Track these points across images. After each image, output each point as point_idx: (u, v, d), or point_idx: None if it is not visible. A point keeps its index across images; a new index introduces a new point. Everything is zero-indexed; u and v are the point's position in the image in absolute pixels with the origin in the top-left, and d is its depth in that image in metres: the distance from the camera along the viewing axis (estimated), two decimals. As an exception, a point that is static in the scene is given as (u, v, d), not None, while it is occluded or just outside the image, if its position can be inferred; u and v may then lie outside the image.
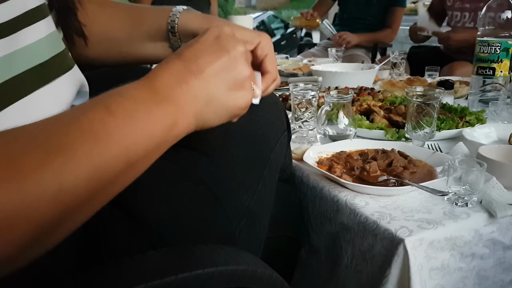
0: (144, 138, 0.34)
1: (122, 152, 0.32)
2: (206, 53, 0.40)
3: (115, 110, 0.33)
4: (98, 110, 0.33)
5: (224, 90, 0.41)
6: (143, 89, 0.36)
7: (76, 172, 0.29)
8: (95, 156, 0.30)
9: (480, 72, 1.24)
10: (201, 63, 0.39)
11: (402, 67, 1.85)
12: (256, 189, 0.55)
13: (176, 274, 0.36)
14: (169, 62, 0.39)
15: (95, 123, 0.32)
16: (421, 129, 0.89)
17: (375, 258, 0.63)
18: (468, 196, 0.65)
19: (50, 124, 0.31)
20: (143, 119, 0.34)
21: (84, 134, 0.31)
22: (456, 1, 2.15)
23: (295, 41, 7.80)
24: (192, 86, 0.38)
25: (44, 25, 0.47)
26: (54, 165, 0.28)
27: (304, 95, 0.97)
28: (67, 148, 0.29)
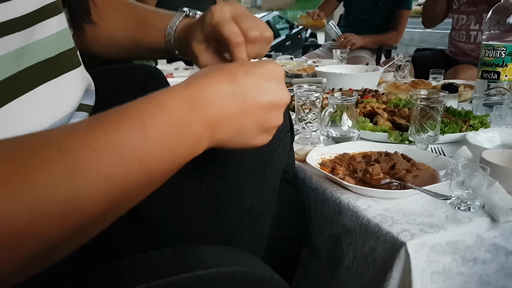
0: (169, 158, 0.34)
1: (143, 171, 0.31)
2: (257, 89, 0.39)
3: (149, 125, 0.32)
4: (132, 122, 0.31)
5: (255, 128, 0.41)
6: (182, 104, 0.35)
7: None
8: (115, 175, 0.29)
9: (485, 76, 1.24)
10: (250, 98, 0.39)
11: (407, 70, 1.84)
12: (259, 189, 0.55)
13: (177, 274, 0.37)
14: (219, 80, 0.38)
15: (124, 137, 0.30)
16: (424, 132, 0.89)
17: (376, 261, 0.62)
18: (470, 201, 0.65)
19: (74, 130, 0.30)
20: (174, 139, 0.34)
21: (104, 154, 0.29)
22: (462, 4, 2.14)
23: (300, 41, 7.80)
24: (231, 116, 0.38)
25: (57, 21, 0.48)
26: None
27: (308, 96, 0.97)
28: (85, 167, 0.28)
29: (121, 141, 0.30)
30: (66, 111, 0.49)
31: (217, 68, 0.39)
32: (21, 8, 0.42)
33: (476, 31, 2.08)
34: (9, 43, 0.40)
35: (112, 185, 0.29)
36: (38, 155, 0.27)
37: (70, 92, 0.50)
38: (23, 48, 0.42)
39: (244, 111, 0.38)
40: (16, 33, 0.41)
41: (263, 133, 0.42)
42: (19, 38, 0.42)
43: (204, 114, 0.36)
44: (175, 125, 0.34)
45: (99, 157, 0.28)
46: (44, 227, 0.26)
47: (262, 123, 0.41)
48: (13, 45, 0.41)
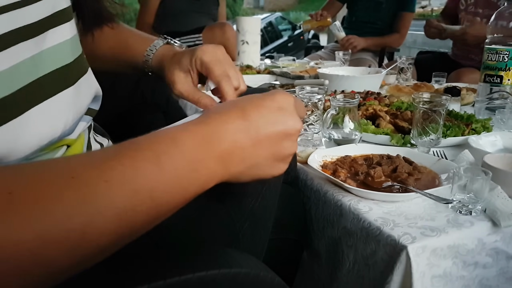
0: (181, 192, 0.34)
1: (153, 205, 0.32)
2: (269, 121, 0.40)
3: (164, 160, 0.32)
4: (147, 155, 0.32)
5: (269, 160, 0.41)
6: (196, 140, 0.36)
7: (102, 222, 0.29)
8: (125, 207, 0.30)
9: (488, 80, 1.24)
10: (262, 131, 0.39)
11: (409, 72, 1.84)
12: (261, 191, 0.55)
13: (179, 275, 0.37)
14: (232, 116, 0.38)
15: (138, 170, 0.31)
16: (426, 136, 0.89)
17: (377, 264, 0.63)
18: (472, 205, 0.65)
19: (89, 160, 0.31)
20: (187, 174, 0.34)
21: (116, 187, 0.30)
22: (469, 5, 2.14)
23: (302, 43, 7.80)
24: (244, 150, 0.38)
25: (69, 27, 0.48)
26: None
27: (310, 98, 0.97)
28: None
29: (135, 174, 0.30)
30: (77, 116, 0.49)
31: (228, 105, 0.40)
32: (33, 15, 0.42)
33: None
34: (24, 50, 0.40)
35: (122, 216, 0.29)
36: (52, 184, 0.27)
37: (82, 98, 0.51)
38: (39, 55, 0.42)
39: (256, 144, 0.39)
40: (29, 40, 0.41)
41: (278, 163, 0.42)
42: (33, 44, 0.42)
43: (218, 150, 0.36)
44: (189, 161, 0.34)
45: (111, 189, 0.29)
46: (52, 255, 0.26)
47: (276, 154, 0.41)
48: (28, 52, 0.41)
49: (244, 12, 14.10)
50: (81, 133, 0.51)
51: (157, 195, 0.32)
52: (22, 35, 0.40)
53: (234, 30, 2.37)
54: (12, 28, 0.39)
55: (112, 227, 0.29)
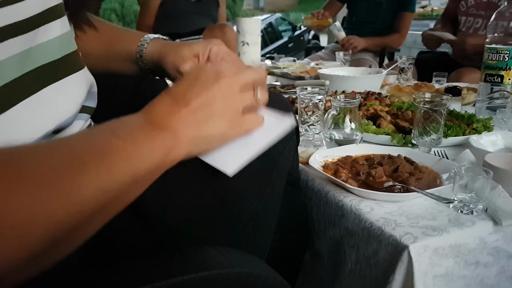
0: (146, 159, 0.38)
1: (128, 171, 0.36)
2: (191, 88, 0.44)
3: (120, 134, 0.38)
4: (106, 134, 0.37)
5: (218, 119, 0.44)
6: (142, 119, 0.41)
7: (88, 186, 0.32)
8: (106, 174, 0.34)
9: (488, 79, 1.24)
10: (187, 96, 0.43)
11: (410, 72, 1.84)
12: (264, 192, 0.55)
13: (182, 275, 0.37)
14: (160, 97, 0.44)
15: (105, 144, 0.36)
16: (427, 135, 0.89)
17: (379, 264, 0.63)
18: (473, 204, 0.65)
19: (66, 144, 0.35)
20: (144, 142, 0.39)
21: (96, 154, 0.35)
22: (470, 7, 2.13)
23: (303, 43, 7.80)
24: (182, 117, 0.42)
25: (60, 24, 0.48)
26: (68, 178, 0.31)
27: (311, 98, 0.97)
28: (82, 166, 0.33)
29: (103, 147, 0.36)
30: (71, 113, 0.50)
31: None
32: (25, 11, 0.42)
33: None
34: (14, 46, 0.41)
35: (102, 186, 0.34)
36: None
37: (74, 94, 0.51)
38: (27, 51, 0.43)
39: (190, 108, 0.43)
40: (20, 36, 0.42)
41: (236, 120, 0.46)
42: (23, 41, 0.42)
43: (161, 125, 0.41)
44: (139, 129, 0.40)
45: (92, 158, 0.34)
46: (53, 219, 0.30)
47: (219, 110, 0.45)
48: (17, 48, 0.41)
49: (244, 13, 14.11)
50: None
51: (127, 160, 0.36)
52: (12, 31, 0.41)
53: (234, 31, 2.37)
54: (4, 24, 0.39)
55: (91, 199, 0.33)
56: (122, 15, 7.56)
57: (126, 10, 7.57)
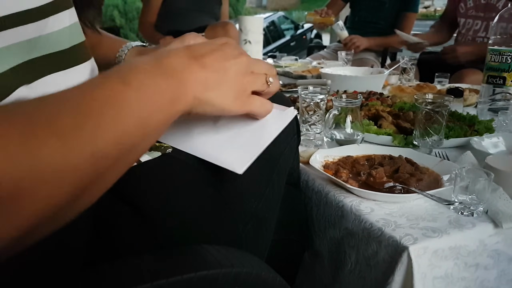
0: (155, 107, 0.37)
1: (140, 122, 0.35)
2: (212, 52, 0.44)
3: (130, 82, 0.36)
4: (115, 81, 0.35)
5: (225, 89, 0.44)
6: (153, 65, 0.39)
7: (106, 135, 0.32)
8: (119, 122, 0.33)
9: (490, 81, 1.24)
10: (205, 58, 0.43)
11: (412, 73, 1.84)
12: (264, 192, 0.55)
13: (181, 275, 0.37)
14: (177, 50, 0.43)
15: (116, 92, 0.34)
16: (429, 137, 0.89)
17: (379, 265, 0.63)
18: (474, 206, 0.65)
19: (77, 91, 0.34)
20: (154, 90, 0.37)
21: (108, 101, 0.33)
22: (469, 9, 2.13)
23: (305, 42, 7.78)
24: (193, 72, 0.41)
25: (69, 15, 0.48)
26: (87, 127, 0.31)
27: (313, 98, 0.97)
28: (96, 113, 0.32)
29: (114, 95, 0.34)
30: None
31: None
32: (34, 1, 0.43)
33: (482, 38, 2.07)
34: (23, 33, 0.41)
35: (117, 134, 0.33)
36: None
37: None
38: (37, 39, 0.43)
39: (204, 64, 0.42)
40: (29, 24, 0.42)
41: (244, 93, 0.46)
42: (33, 29, 0.42)
43: (171, 74, 0.40)
44: (149, 77, 0.38)
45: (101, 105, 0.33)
46: (76, 169, 0.29)
47: (233, 83, 0.44)
48: (26, 35, 0.42)
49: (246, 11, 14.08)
50: None
51: (139, 109, 0.35)
52: (22, 19, 0.41)
53: (237, 29, 2.37)
54: (13, 11, 0.39)
55: (110, 144, 0.32)
56: (125, 11, 7.55)
57: (128, 6, 7.55)
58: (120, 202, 0.48)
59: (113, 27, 5.43)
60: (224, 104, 0.44)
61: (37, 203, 0.27)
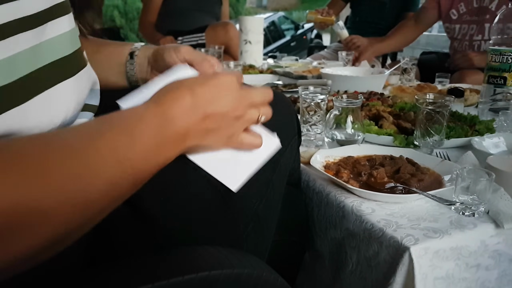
0: (153, 164, 0.40)
1: (134, 171, 0.37)
2: (214, 97, 0.44)
3: (136, 134, 0.38)
4: (122, 134, 0.37)
5: (221, 135, 0.46)
6: (152, 129, 0.40)
7: (98, 185, 0.33)
8: (112, 176, 0.35)
9: (491, 81, 1.23)
10: (209, 107, 0.44)
11: (413, 73, 1.84)
12: (265, 193, 0.55)
13: (182, 275, 0.37)
14: (179, 93, 0.43)
15: (118, 142, 0.36)
16: (430, 137, 0.89)
17: (380, 266, 0.63)
18: (475, 206, 0.65)
19: (78, 137, 0.35)
20: (157, 147, 0.39)
21: (111, 155, 0.35)
22: (463, 15, 2.11)
23: (305, 42, 7.78)
24: (196, 124, 0.43)
25: (68, 20, 0.48)
26: (81, 178, 0.32)
27: (313, 98, 0.97)
28: (92, 165, 0.33)
29: (117, 145, 0.35)
30: (76, 110, 0.50)
31: (177, 84, 0.44)
32: (33, 7, 0.42)
33: (479, 41, 2.06)
34: (23, 41, 0.41)
35: (109, 186, 0.34)
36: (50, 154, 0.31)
37: (83, 91, 0.51)
38: (39, 46, 0.43)
39: (204, 117, 0.43)
40: (29, 31, 0.41)
41: (235, 136, 0.48)
42: (33, 36, 0.42)
43: (173, 133, 0.41)
44: (147, 150, 0.39)
45: (101, 158, 0.34)
46: (69, 211, 0.30)
47: (228, 129, 0.46)
48: (28, 43, 0.41)
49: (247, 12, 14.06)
50: None
51: (135, 164, 0.37)
52: (21, 26, 0.40)
53: (237, 29, 2.37)
54: (11, 18, 0.39)
55: (102, 195, 0.34)
56: (125, 11, 7.55)
57: (129, 7, 7.55)
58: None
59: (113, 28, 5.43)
60: (216, 147, 0.47)
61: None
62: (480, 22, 2.03)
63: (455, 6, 2.11)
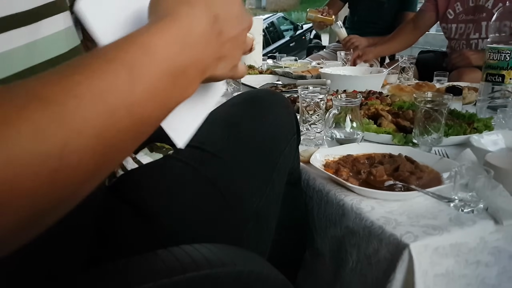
0: (160, 105, 0.32)
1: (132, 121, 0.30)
2: (232, 20, 0.39)
3: (136, 73, 0.30)
4: (117, 68, 0.29)
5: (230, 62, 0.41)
6: (173, 44, 0.33)
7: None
8: (103, 125, 0.28)
9: (489, 79, 1.24)
10: (226, 28, 0.38)
11: (411, 72, 1.84)
12: (265, 191, 0.55)
13: (184, 273, 0.37)
14: (201, 15, 0.36)
15: (110, 85, 0.28)
16: (428, 135, 0.89)
17: (380, 263, 0.63)
18: (474, 203, 0.65)
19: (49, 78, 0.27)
20: (165, 86, 0.32)
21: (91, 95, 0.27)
22: (459, 14, 2.10)
23: (304, 43, 7.79)
24: (214, 44, 0.37)
25: (63, 18, 0.48)
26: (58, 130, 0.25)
27: (313, 98, 0.98)
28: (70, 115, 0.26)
29: (106, 88, 0.28)
30: None
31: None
32: (27, 3, 0.43)
33: (476, 39, 2.06)
34: (18, 38, 0.41)
35: (99, 136, 0.27)
36: (16, 105, 0.24)
37: None
38: (34, 44, 0.43)
39: (221, 35, 0.38)
40: (23, 27, 0.42)
41: (237, 63, 0.42)
42: (27, 32, 0.42)
43: (195, 52, 0.34)
44: (166, 71, 0.32)
45: (83, 105, 0.26)
46: (29, 184, 0.23)
47: (237, 54, 0.41)
48: (22, 40, 0.41)
49: (245, 13, 14.02)
50: None
51: (135, 110, 0.29)
52: (15, 22, 0.40)
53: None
54: (4, 14, 0.39)
55: (92, 148, 0.26)
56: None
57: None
58: (122, 202, 0.48)
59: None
60: (222, 77, 0.41)
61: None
62: (476, 20, 2.03)
63: (451, 6, 2.11)
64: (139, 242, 0.47)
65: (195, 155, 0.51)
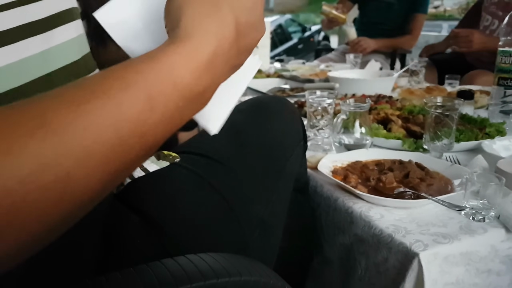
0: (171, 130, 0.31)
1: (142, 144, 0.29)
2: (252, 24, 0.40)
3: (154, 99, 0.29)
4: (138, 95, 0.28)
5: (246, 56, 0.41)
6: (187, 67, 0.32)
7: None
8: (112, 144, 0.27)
9: (501, 83, 1.22)
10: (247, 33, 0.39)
11: (421, 75, 1.82)
12: (271, 199, 0.55)
13: (190, 283, 0.37)
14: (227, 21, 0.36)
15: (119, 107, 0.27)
16: (439, 140, 0.88)
17: (389, 272, 0.62)
18: (485, 211, 0.64)
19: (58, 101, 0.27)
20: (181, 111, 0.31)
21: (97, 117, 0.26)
22: (491, 4, 2.06)
23: (313, 45, 7.77)
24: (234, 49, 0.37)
25: (75, 26, 0.49)
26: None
27: (320, 103, 0.97)
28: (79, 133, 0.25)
29: (122, 118, 0.27)
30: None
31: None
32: (40, 12, 0.43)
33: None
34: (33, 46, 0.42)
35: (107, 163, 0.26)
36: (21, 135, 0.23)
37: None
38: (48, 51, 0.43)
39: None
40: (38, 36, 0.42)
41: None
42: (42, 40, 0.43)
43: (216, 74, 0.34)
44: (185, 97, 0.31)
45: (93, 137, 0.25)
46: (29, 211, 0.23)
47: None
48: (37, 48, 0.42)
49: (254, 15, 14.02)
50: None
51: (147, 138, 0.29)
52: (30, 30, 0.41)
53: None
54: (20, 23, 0.40)
55: (100, 174, 0.26)
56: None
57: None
58: (128, 211, 0.48)
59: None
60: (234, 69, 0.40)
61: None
62: (503, 19, 2.00)
63: None
64: (145, 250, 0.47)
65: (201, 163, 0.51)
